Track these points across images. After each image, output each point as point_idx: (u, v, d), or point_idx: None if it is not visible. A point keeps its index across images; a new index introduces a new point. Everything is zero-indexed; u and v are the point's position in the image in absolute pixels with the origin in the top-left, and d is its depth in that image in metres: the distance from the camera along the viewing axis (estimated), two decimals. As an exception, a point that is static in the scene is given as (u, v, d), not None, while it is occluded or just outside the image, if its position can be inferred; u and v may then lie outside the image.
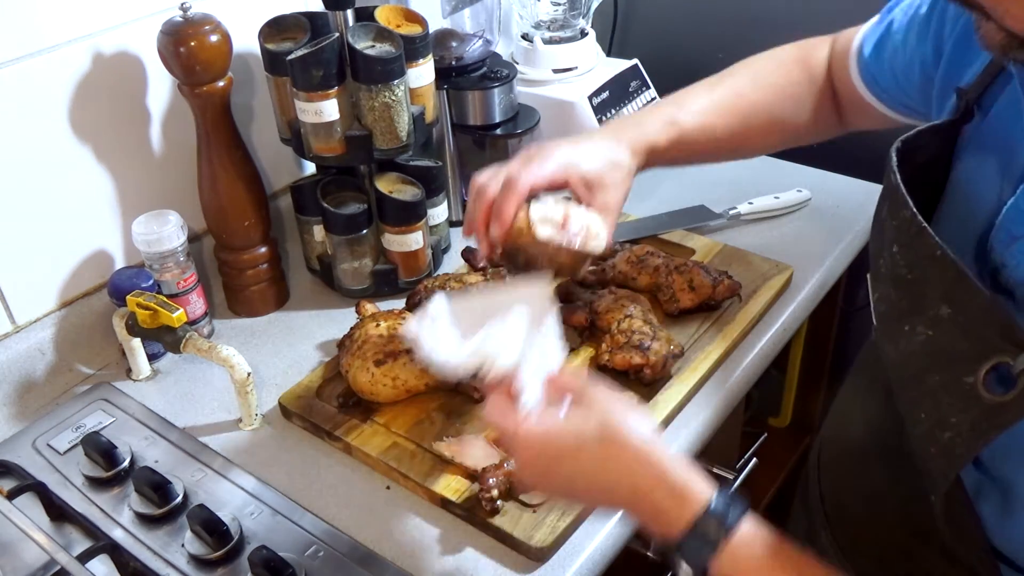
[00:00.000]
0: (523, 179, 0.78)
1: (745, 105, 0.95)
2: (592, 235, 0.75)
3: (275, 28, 1.04)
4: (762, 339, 1.02)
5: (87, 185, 1.03)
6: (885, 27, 0.89)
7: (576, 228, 0.72)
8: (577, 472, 0.63)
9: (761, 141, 0.99)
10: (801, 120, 0.97)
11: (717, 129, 0.94)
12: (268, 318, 1.12)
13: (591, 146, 0.86)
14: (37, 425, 0.96)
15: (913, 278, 0.62)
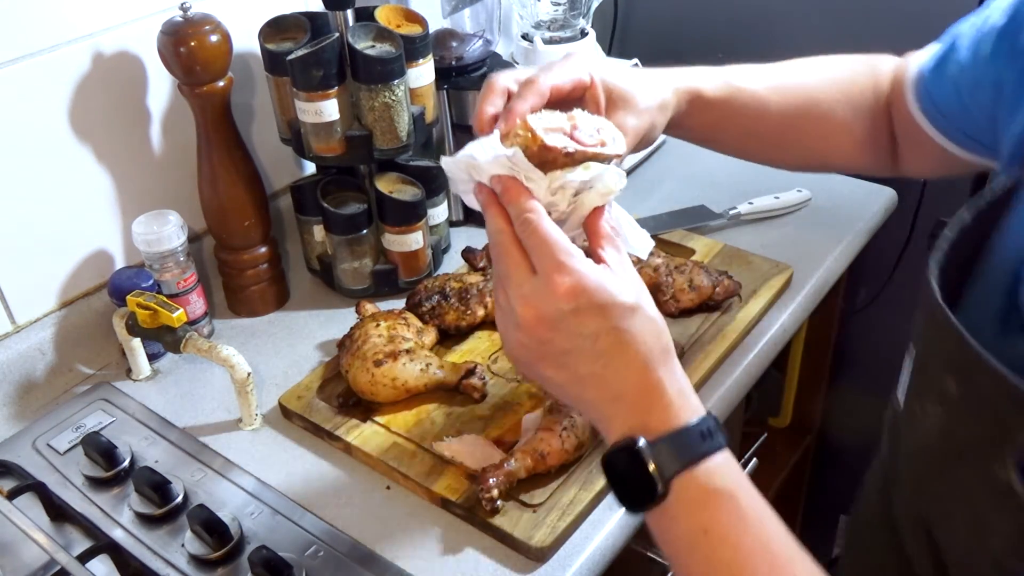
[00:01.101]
0: (543, 79, 0.67)
1: (805, 93, 0.84)
2: (608, 138, 0.64)
3: (275, 28, 1.04)
4: (762, 339, 1.02)
5: (87, 185, 1.03)
6: (949, 43, 0.78)
7: (589, 130, 0.62)
8: (587, 334, 0.55)
9: (807, 144, 0.87)
10: (856, 132, 0.86)
11: (770, 107, 0.83)
12: (268, 318, 1.12)
13: (627, 67, 0.78)
14: (37, 425, 0.96)
15: (919, 348, 0.58)
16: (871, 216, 1.23)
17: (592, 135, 0.61)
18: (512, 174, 0.59)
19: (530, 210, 0.57)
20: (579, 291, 0.55)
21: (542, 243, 0.56)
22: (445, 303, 1.01)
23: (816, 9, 1.40)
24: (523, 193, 0.58)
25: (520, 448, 0.82)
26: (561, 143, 0.59)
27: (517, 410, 0.91)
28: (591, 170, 0.60)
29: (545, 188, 0.59)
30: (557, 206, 0.61)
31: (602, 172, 0.60)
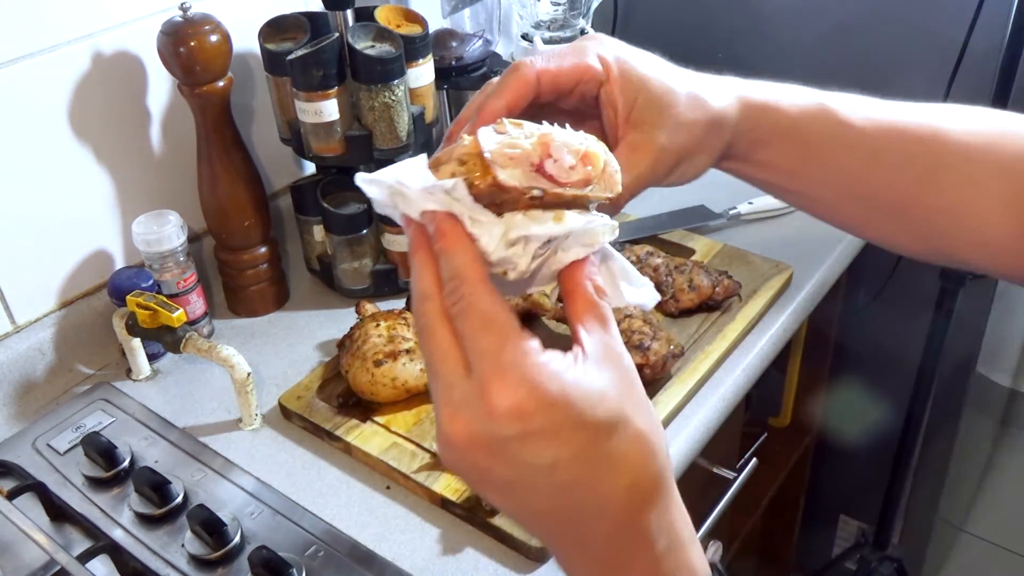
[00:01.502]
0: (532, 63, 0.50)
1: (940, 147, 0.56)
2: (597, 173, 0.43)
3: (275, 28, 1.04)
4: (762, 339, 1.02)
5: (87, 185, 1.03)
6: None
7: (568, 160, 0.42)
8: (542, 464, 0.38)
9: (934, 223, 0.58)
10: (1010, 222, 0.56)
11: (884, 157, 0.56)
12: (268, 318, 1.12)
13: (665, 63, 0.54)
14: (37, 425, 0.96)
15: None
16: (871, 216, 1.23)
17: (572, 168, 0.42)
18: (451, 211, 0.41)
19: (466, 277, 0.40)
20: (528, 412, 0.37)
21: (479, 331, 0.39)
22: (445, 303, 1.01)
23: (817, 10, 1.40)
24: (462, 245, 0.40)
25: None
26: (525, 182, 0.40)
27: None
28: (566, 222, 0.42)
29: (499, 238, 0.41)
30: (515, 264, 0.42)
31: (583, 224, 0.42)
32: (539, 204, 0.41)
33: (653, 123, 0.52)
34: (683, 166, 0.54)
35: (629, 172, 0.49)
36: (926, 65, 1.31)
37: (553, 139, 0.41)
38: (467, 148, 0.41)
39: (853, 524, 1.87)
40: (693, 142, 0.53)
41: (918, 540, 1.88)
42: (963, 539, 2.13)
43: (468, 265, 0.40)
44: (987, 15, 1.21)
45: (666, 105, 0.52)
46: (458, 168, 0.41)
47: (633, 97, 0.51)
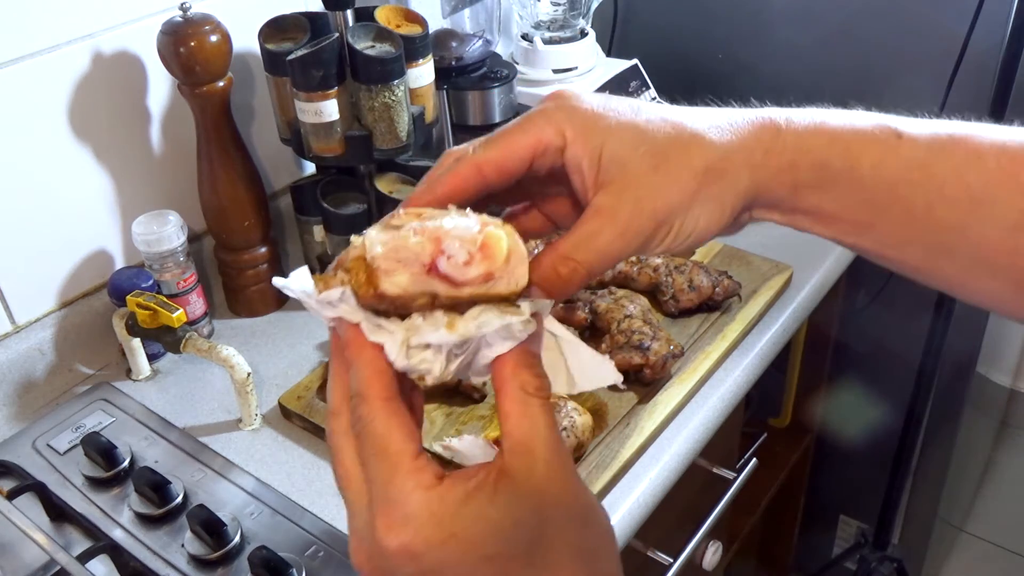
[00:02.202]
0: (468, 158, 0.42)
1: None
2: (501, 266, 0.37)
3: (275, 28, 1.04)
4: (762, 339, 1.02)
5: (87, 185, 1.03)
6: None
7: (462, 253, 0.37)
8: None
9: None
10: None
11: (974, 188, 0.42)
12: (268, 318, 1.12)
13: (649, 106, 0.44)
14: (37, 425, 0.96)
15: None
16: (871, 216, 1.23)
17: (467, 263, 0.36)
18: (354, 319, 0.38)
19: (365, 396, 0.37)
20: (418, 552, 0.35)
21: (373, 457, 0.36)
22: (445, 303, 1.01)
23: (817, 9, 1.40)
24: (364, 357, 0.38)
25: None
26: (415, 287, 0.36)
27: (517, 410, 0.91)
28: (458, 330, 0.37)
29: (399, 346, 0.37)
30: (428, 370, 0.38)
31: (480, 329, 0.37)
32: (441, 306, 0.37)
33: (624, 181, 0.41)
34: (676, 227, 0.42)
35: (589, 245, 0.41)
36: (926, 65, 1.31)
37: (444, 232, 0.37)
38: (356, 252, 0.37)
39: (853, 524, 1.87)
40: (683, 196, 0.41)
41: (918, 540, 1.88)
42: (963, 539, 2.13)
43: (367, 381, 0.37)
44: (987, 15, 1.21)
45: (641, 155, 0.41)
46: (344, 276, 0.38)
47: (598, 154, 0.41)
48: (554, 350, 0.42)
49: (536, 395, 0.37)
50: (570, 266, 0.41)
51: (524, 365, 0.38)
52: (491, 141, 0.42)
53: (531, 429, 0.37)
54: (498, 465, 0.36)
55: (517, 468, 0.36)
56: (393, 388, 0.38)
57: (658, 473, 0.87)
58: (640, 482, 0.86)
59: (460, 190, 0.41)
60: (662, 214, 0.41)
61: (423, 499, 0.35)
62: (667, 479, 0.88)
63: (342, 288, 0.37)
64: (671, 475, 0.89)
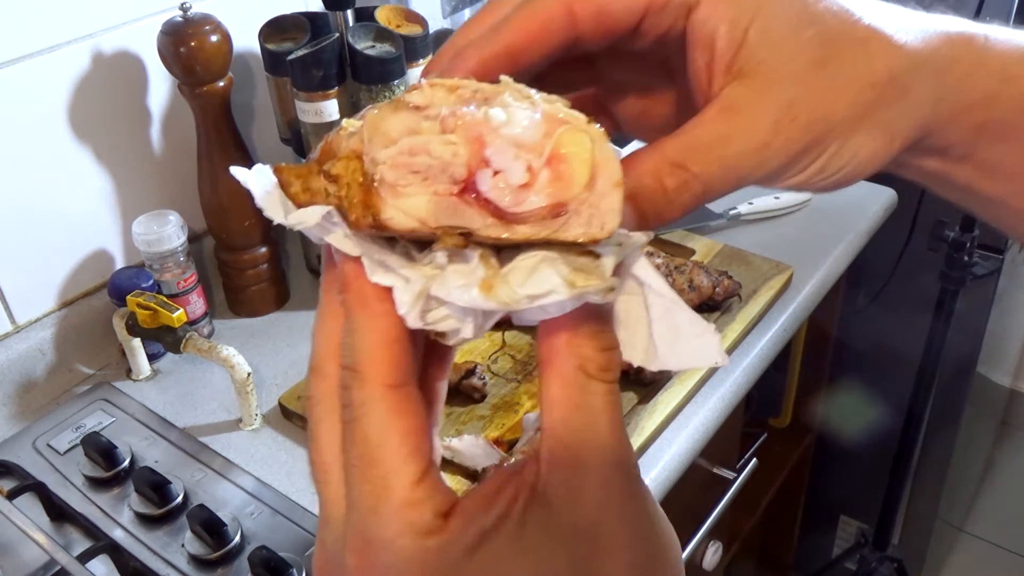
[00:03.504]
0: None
1: None
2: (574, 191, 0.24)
3: (275, 28, 1.04)
4: (762, 339, 1.02)
5: (87, 185, 1.03)
6: None
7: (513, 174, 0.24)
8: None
9: None
10: None
11: None
12: (268, 318, 1.12)
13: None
14: (37, 425, 0.96)
15: None
16: (871, 216, 1.23)
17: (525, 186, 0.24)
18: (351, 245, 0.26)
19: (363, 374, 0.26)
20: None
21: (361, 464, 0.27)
22: (445, 303, 1.01)
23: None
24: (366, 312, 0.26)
25: (520, 448, 0.82)
26: (437, 217, 0.25)
27: (517, 410, 0.91)
28: (518, 287, 0.24)
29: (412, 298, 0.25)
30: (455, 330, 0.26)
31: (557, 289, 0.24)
32: (476, 242, 0.25)
33: (775, 71, 0.28)
34: (828, 154, 0.29)
35: (713, 152, 0.28)
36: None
37: (491, 129, 0.24)
38: (349, 143, 0.25)
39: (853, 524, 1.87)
40: (850, 111, 0.29)
41: (918, 540, 1.88)
42: (963, 539, 2.13)
43: (369, 353, 0.26)
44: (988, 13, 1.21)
45: (806, 41, 0.28)
46: (328, 185, 0.25)
47: (744, 26, 0.28)
48: (635, 302, 0.27)
49: (599, 377, 0.26)
50: (681, 178, 0.28)
51: (587, 334, 0.26)
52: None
53: (588, 431, 0.26)
54: (531, 483, 0.26)
55: (559, 489, 0.25)
56: (405, 367, 0.26)
57: (658, 473, 0.87)
58: (640, 482, 0.86)
59: (534, 40, 0.28)
60: (819, 130, 0.29)
61: (414, 550, 0.25)
62: (667, 479, 0.88)
63: (325, 209, 0.25)
64: (671, 475, 0.89)
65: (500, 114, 0.24)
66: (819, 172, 0.30)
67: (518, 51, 0.28)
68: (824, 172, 0.30)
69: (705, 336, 0.27)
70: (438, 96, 0.24)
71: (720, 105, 0.29)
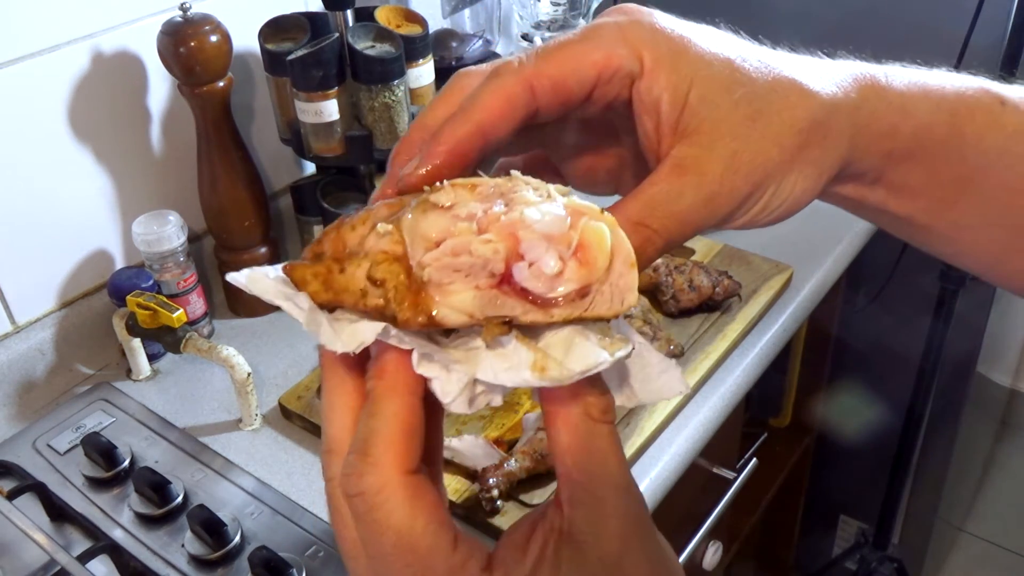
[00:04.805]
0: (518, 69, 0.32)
1: None
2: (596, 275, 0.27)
3: (275, 28, 1.04)
4: (762, 339, 1.02)
5: (87, 185, 1.03)
6: None
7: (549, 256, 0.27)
8: None
9: None
10: None
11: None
12: (268, 318, 1.12)
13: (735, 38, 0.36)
14: (37, 425, 0.96)
15: None
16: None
17: (557, 275, 0.26)
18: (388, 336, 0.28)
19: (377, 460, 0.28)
20: None
21: (392, 554, 0.28)
22: (445, 303, 1.01)
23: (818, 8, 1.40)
24: (396, 400, 0.28)
25: (520, 448, 0.82)
26: (482, 310, 0.26)
27: (517, 410, 0.91)
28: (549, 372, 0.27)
29: (460, 387, 0.27)
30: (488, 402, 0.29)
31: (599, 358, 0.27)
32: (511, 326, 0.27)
33: (715, 129, 0.32)
34: (767, 195, 0.34)
35: (669, 208, 0.31)
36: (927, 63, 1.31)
37: (527, 226, 0.26)
38: (386, 246, 0.26)
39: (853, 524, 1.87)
40: (782, 156, 0.33)
41: (918, 540, 1.88)
42: (963, 539, 2.13)
43: (388, 440, 0.27)
44: (987, 15, 1.21)
45: (738, 100, 0.32)
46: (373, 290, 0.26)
47: (684, 92, 0.32)
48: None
49: (602, 420, 0.29)
50: (644, 235, 0.31)
51: (587, 383, 0.28)
52: (547, 52, 0.32)
53: (600, 470, 0.28)
54: (558, 526, 0.28)
55: (583, 527, 0.28)
56: (418, 453, 0.28)
57: (658, 473, 0.87)
58: (640, 482, 0.86)
59: (501, 116, 0.31)
60: (758, 176, 0.33)
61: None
62: (667, 479, 0.88)
63: (380, 326, 0.26)
64: (671, 475, 0.89)
65: (534, 212, 0.26)
66: (762, 211, 0.34)
67: (488, 128, 0.31)
68: (766, 211, 0.34)
69: (670, 371, 0.31)
70: (461, 195, 0.27)
71: (670, 164, 0.32)
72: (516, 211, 0.26)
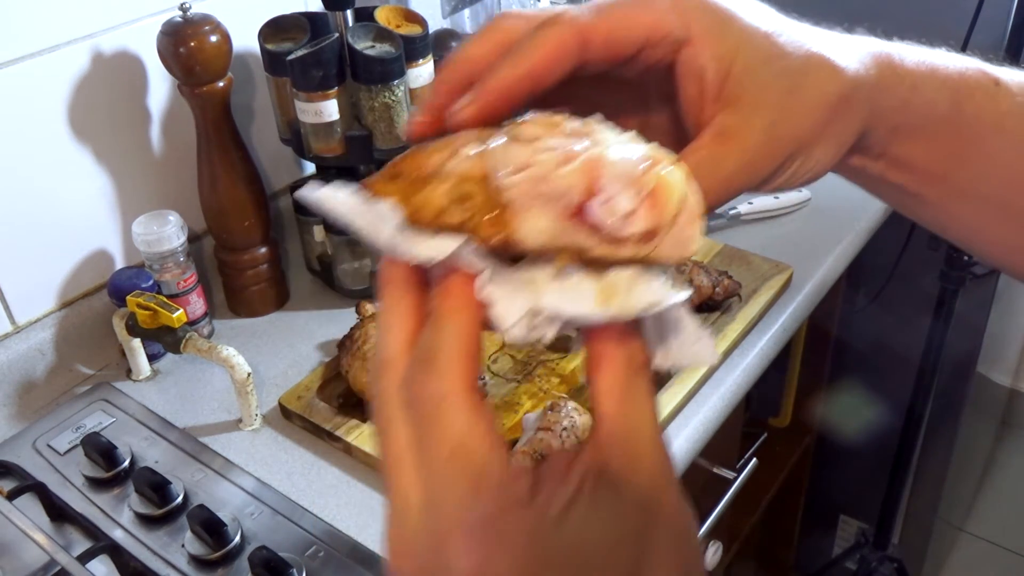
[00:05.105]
0: (572, 20, 0.33)
1: None
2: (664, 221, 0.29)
3: (275, 28, 1.04)
4: (762, 339, 1.02)
5: (87, 185, 1.03)
6: None
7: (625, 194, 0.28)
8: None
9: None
10: None
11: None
12: (268, 318, 1.12)
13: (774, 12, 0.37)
14: (37, 425, 0.96)
15: None
16: (871, 216, 1.23)
17: (630, 215, 0.28)
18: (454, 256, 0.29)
19: (443, 370, 0.29)
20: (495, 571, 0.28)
21: (445, 461, 0.29)
22: (445, 303, 1.01)
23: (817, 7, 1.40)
24: (463, 318, 0.29)
25: (520, 448, 0.82)
26: (556, 237, 0.28)
27: (517, 410, 0.91)
28: (613, 307, 0.28)
29: (521, 313, 0.29)
30: (537, 339, 0.30)
31: (640, 307, 0.29)
32: (578, 260, 0.28)
33: (756, 100, 0.34)
34: (797, 163, 0.36)
35: (712, 173, 0.34)
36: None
37: (606, 165, 0.27)
38: (468, 169, 0.27)
39: (853, 524, 1.87)
40: (811, 127, 0.35)
41: (918, 540, 1.88)
42: (963, 539, 2.13)
43: (457, 352, 0.29)
44: (987, 15, 1.21)
45: (778, 72, 0.34)
46: (452, 199, 0.27)
47: (728, 62, 0.34)
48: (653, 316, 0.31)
49: (642, 372, 0.30)
50: None
51: (633, 336, 0.30)
52: (602, 9, 0.33)
53: (638, 417, 0.30)
54: (595, 467, 0.29)
55: (619, 469, 0.29)
56: (477, 374, 0.29)
57: (658, 473, 0.87)
58: (640, 482, 0.86)
59: (553, 63, 0.32)
60: (792, 147, 0.35)
61: (519, 522, 0.28)
62: (667, 479, 0.88)
63: (461, 238, 0.27)
64: (671, 475, 0.89)
65: (614, 153, 0.28)
66: (790, 178, 0.37)
67: (539, 74, 0.32)
68: (794, 178, 0.37)
69: (704, 340, 0.32)
70: (544, 130, 0.28)
71: (714, 131, 0.34)
72: (598, 149, 0.28)
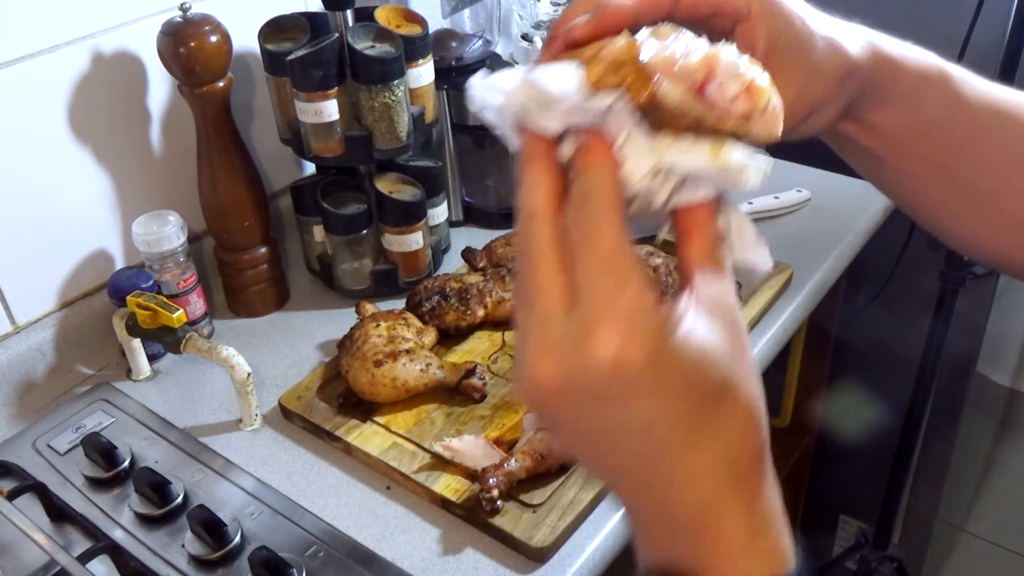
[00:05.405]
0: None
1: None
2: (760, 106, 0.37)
3: (275, 28, 1.04)
4: (762, 339, 1.02)
5: (87, 185, 1.03)
6: None
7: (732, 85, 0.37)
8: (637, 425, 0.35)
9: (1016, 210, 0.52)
10: None
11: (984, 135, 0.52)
12: (268, 318, 1.12)
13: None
14: (37, 425, 0.96)
15: None
16: (871, 216, 1.23)
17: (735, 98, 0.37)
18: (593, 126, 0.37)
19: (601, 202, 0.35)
20: (634, 367, 0.33)
21: (599, 268, 0.34)
22: (445, 303, 1.01)
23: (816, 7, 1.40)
24: (607, 167, 0.36)
25: (520, 448, 0.82)
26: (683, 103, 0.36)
27: (517, 410, 0.91)
28: (723, 158, 0.36)
29: (648, 166, 0.37)
30: (651, 200, 0.38)
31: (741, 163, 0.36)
32: (693, 129, 0.36)
33: (792, 68, 0.44)
34: (811, 120, 0.47)
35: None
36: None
37: (720, 60, 0.37)
38: (621, 51, 0.36)
39: (853, 524, 1.87)
40: (825, 93, 0.46)
41: (918, 540, 1.88)
42: (963, 539, 2.13)
43: (608, 190, 0.35)
44: (987, 15, 1.21)
45: (807, 49, 0.45)
46: (610, 74, 0.36)
47: (775, 38, 0.44)
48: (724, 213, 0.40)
49: (722, 247, 0.39)
50: None
51: (714, 215, 0.38)
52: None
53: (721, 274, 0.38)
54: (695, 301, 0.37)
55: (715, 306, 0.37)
56: (624, 211, 0.36)
57: (658, 473, 0.87)
58: (640, 482, 0.86)
59: (652, 9, 0.41)
60: (810, 110, 0.46)
61: (654, 315, 0.34)
62: (667, 479, 0.88)
63: (617, 93, 0.35)
64: (671, 475, 0.89)
65: (728, 54, 0.37)
66: (804, 132, 0.47)
67: (644, 11, 0.40)
68: (806, 132, 0.48)
69: (763, 248, 0.40)
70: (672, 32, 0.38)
71: None
72: (716, 48, 0.37)
